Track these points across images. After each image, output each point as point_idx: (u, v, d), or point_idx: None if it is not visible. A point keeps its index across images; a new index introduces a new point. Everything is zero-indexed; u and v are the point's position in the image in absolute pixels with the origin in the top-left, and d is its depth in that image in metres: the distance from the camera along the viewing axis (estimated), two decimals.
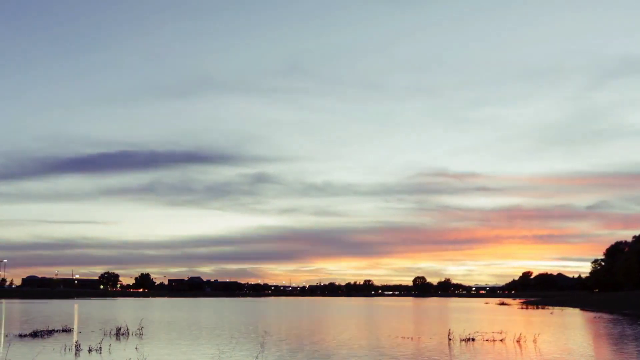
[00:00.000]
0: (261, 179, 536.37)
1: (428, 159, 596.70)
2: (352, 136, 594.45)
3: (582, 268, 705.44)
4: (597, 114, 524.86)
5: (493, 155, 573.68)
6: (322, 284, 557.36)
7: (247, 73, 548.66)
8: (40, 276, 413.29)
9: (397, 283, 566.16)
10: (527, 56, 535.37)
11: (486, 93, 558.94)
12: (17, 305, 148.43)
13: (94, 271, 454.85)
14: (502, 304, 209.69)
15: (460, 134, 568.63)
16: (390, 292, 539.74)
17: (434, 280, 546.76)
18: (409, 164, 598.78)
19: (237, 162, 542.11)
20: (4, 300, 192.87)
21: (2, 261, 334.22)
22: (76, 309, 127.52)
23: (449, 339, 54.57)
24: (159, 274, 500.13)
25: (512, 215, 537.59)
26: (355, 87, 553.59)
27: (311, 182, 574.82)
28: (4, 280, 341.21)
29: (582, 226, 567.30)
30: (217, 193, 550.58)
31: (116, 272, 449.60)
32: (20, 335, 55.15)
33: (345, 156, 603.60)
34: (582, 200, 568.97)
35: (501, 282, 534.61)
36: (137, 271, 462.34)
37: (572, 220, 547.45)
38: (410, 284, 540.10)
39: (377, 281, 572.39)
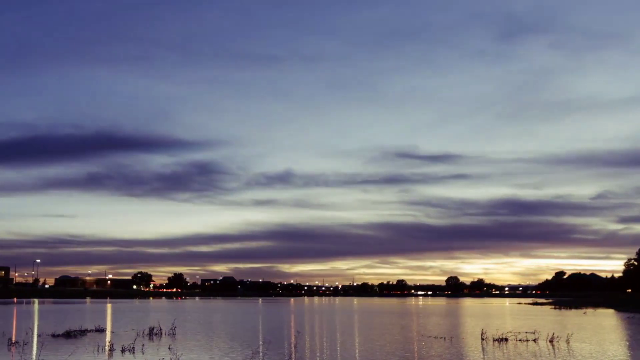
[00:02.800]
0: (208, 167, 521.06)
1: (384, 139, 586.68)
2: (276, 115, 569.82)
3: (604, 267, 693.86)
4: (535, 83, 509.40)
5: (455, 133, 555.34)
6: (354, 284, 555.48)
7: (110, 42, 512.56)
8: (73, 276, 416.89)
9: (430, 283, 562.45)
10: (409, 16, 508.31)
11: (390, 60, 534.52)
12: (50, 305, 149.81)
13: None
14: (535, 304, 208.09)
15: (398, 109, 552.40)
16: (423, 292, 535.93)
17: (466, 279, 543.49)
18: (365, 144, 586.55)
19: (165, 148, 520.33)
20: (37, 300, 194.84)
21: (35, 261, 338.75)
22: (109, 309, 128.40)
23: (482, 339, 54.25)
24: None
25: (514, 208, 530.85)
26: (239, 57, 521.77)
27: (269, 171, 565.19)
28: (37, 280, 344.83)
29: (595, 221, 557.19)
30: (173, 184, 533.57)
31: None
32: (54, 335, 55.52)
33: (284, 139, 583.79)
34: (582, 189, 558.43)
35: (524, 282, 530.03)
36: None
37: (581, 214, 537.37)
38: (443, 283, 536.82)
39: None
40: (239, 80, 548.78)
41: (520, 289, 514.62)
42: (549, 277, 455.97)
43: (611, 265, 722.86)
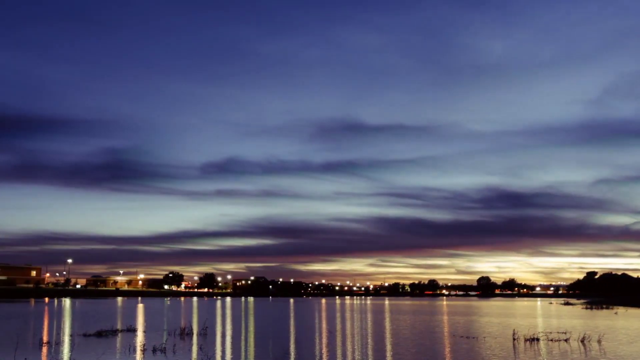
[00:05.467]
0: (137, 155, 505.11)
1: (313, 113, 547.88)
2: (173, 93, 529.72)
3: (628, 265, 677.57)
4: (442, 45, 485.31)
5: (392, 104, 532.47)
6: (386, 284, 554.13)
7: None
8: (104, 276, 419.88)
9: (461, 282, 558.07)
10: None
11: (253, 24, 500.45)
12: (82, 305, 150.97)
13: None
14: (567, 303, 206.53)
15: (302, 79, 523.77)
16: (454, 292, 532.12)
17: (498, 279, 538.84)
18: (292, 120, 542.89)
19: (75, 133, 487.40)
20: (68, 300, 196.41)
21: (67, 261, 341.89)
22: (140, 309, 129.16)
23: (514, 339, 53.94)
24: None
25: (510, 201, 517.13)
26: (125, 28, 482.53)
27: (211, 159, 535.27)
28: (68, 280, 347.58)
29: (601, 217, 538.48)
30: (114, 174, 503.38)
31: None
32: (85, 335, 55.95)
33: (201, 120, 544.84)
34: (571, 175, 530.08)
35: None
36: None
37: (585, 208, 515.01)
38: (474, 283, 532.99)
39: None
40: (95, 51, 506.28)
41: (552, 289, 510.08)
42: (571, 276, 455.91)
43: (634, 263, 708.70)
